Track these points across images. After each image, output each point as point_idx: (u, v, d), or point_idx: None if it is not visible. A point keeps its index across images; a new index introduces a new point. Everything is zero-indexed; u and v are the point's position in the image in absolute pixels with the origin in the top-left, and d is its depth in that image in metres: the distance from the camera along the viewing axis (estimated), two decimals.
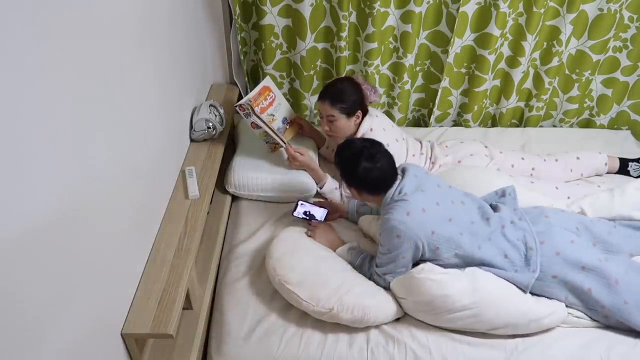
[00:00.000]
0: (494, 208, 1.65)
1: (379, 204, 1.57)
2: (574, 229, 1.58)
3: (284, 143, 1.88)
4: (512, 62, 2.27)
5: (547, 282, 1.48)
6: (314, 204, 1.86)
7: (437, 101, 2.38)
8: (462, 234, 1.50)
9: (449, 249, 1.48)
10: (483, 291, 1.42)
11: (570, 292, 1.48)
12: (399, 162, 1.88)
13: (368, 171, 1.50)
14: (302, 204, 1.84)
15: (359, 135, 1.88)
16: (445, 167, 1.98)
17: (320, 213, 1.82)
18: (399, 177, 1.55)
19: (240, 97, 2.32)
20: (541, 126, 2.52)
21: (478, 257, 1.49)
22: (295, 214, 1.81)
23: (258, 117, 1.80)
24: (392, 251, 1.48)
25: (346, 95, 1.85)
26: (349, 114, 1.87)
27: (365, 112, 1.90)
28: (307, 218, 1.80)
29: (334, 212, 1.85)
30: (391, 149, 1.86)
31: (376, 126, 1.89)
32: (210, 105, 1.92)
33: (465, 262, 1.50)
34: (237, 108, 1.79)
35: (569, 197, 1.84)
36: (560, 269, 1.47)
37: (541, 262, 1.48)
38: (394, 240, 1.46)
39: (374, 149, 1.54)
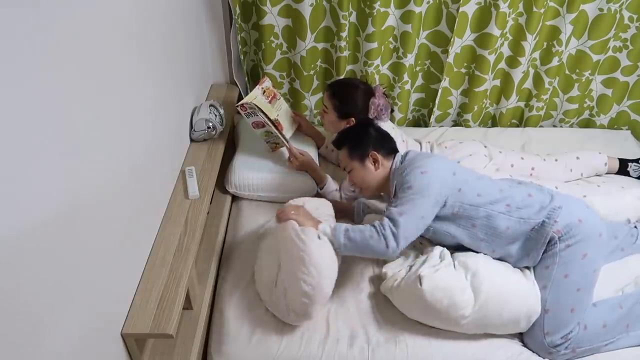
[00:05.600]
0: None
1: (387, 177, 1.59)
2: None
3: (287, 142, 1.88)
4: (512, 62, 2.27)
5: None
6: None
7: (437, 101, 2.38)
8: (481, 178, 1.53)
9: (470, 188, 1.48)
10: (486, 293, 1.41)
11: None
12: None
13: (378, 130, 1.64)
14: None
15: None
16: None
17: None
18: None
19: (240, 97, 2.32)
20: (541, 126, 2.52)
21: (498, 198, 1.48)
22: None
23: (264, 113, 1.80)
24: (417, 192, 1.41)
25: (348, 97, 1.85)
26: (341, 115, 1.87)
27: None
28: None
29: (340, 212, 1.83)
30: None
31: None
32: (210, 105, 1.92)
33: (486, 203, 1.47)
34: (239, 108, 1.79)
35: None
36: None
37: (569, 206, 1.48)
38: (419, 178, 1.43)
39: (373, 122, 1.72)
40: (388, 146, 1.62)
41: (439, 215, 1.48)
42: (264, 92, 1.91)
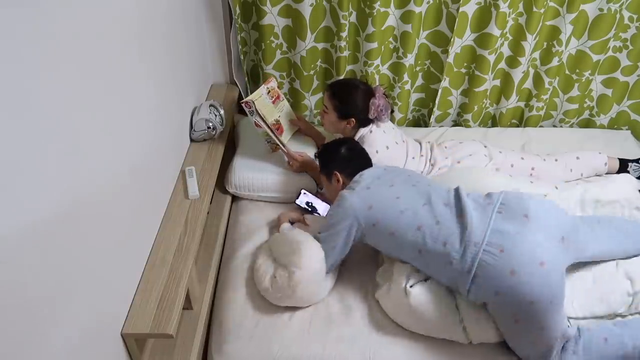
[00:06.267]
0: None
1: None
2: (556, 238, 1.35)
3: (283, 146, 1.88)
4: (512, 62, 2.27)
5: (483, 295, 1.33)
6: (318, 196, 1.86)
7: (437, 101, 2.38)
8: (404, 212, 1.42)
9: (384, 226, 1.44)
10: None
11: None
12: (398, 164, 1.89)
13: (350, 150, 1.71)
14: (305, 192, 1.85)
15: (358, 135, 1.88)
16: (445, 169, 1.98)
17: (322, 207, 1.82)
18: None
19: (240, 97, 2.32)
20: (541, 126, 2.52)
21: (413, 240, 1.39)
22: (297, 202, 1.83)
23: (261, 117, 1.81)
24: (329, 221, 1.52)
25: (349, 97, 1.85)
26: (341, 115, 1.87)
27: (363, 123, 1.88)
28: (309, 209, 1.81)
29: None
30: (390, 152, 1.87)
31: (376, 128, 1.88)
32: (211, 105, 1.92)
33: (399, 244, 1.42)
34: (243, 105, 1.80)
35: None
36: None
37: (483, 275, 1.29)
38: (335, 209, 1.52)
39: (352, 142, 1.77)
40: (354, 166, 1.65)
41: (367, 243, 1.53)
42: (269, 92, 1.91)
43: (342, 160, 1.69)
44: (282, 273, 1.49)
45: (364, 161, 1.72)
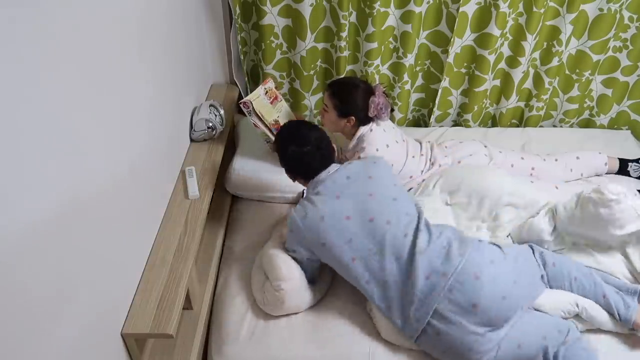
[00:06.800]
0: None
1: None
2: (498, 327, 1.35)
3: None
4: (512, 62, 2.27)
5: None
6: None
7: (437, 101, 2.38)
8: (355, 260, 1.40)
9: (336, 266, 1.46)
10: None
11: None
12: (399, 164, 1.89)
13: (297, 153, 1.50)
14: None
15: (357, 135, 1.87)
16: (446, 167, 1.98)
17: None
18: (330, 170, 1.50)
19: (240, 97, 2.32)
20: (541, 126, 2.52)
21: (363, 289, 1.43)
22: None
23: (259, 117, 1.81)
24: (288, 242, 1.50)
25: (349, 96, 1.85)
26: (341, 114, 1.86)
27: (362, 122, 1.88)
28: None
29: None
30: (391, 150, 1.86)
31: (376, 126, 1.88)
32: (211, 105, 1.92)
33: (352, 284, 1.47)
34: (242, 105, 1.80)
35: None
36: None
37: (422, 343, 1.37)
38: (289, 233, 1.48)
39: (302, 136, 1.51)
40: (309, 168, 1.51)
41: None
42: (266, 92, 1.91)
43: (293, 163, 1.54)
44: (269, 287, 1.50)
45: (320, 161, 1.51)
